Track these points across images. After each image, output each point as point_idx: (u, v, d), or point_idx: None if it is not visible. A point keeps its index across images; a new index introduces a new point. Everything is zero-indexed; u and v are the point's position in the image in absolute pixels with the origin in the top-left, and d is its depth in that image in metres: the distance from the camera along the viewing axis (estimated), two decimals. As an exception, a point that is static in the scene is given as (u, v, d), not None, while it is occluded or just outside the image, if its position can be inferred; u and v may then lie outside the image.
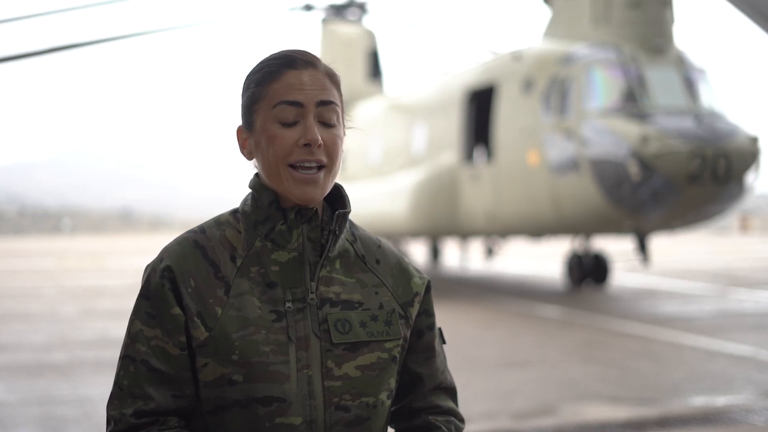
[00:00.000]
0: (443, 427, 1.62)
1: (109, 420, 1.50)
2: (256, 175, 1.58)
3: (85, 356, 8.37)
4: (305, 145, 1.50)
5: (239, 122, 1.60)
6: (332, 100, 1.54)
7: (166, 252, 1.55)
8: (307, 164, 1.50)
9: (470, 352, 8.33)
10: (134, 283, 16.32)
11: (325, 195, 1.55)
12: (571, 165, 12.18)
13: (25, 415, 6.01)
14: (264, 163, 1.53)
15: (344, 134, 1.57)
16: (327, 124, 1.53)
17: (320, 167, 1.51)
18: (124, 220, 66.40)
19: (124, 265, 21.81)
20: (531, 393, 6.67)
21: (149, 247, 31.49)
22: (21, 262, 23.88)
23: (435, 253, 19.47)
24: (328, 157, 1.51)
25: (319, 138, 1.50)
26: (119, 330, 10.09)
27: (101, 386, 6.89)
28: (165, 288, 1.51)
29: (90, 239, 42.48)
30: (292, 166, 1.50)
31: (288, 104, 1.51)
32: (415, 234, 15.77)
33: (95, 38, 8.73)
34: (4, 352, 8.71)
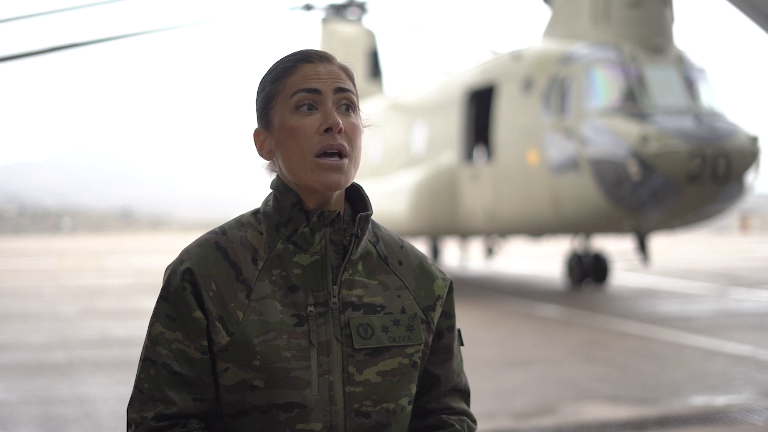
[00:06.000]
0: (456, 425, 1.61)
1: (130, 423, 1.48)
2: (278, 176, 1.56)
3: (85, 356, 8.37)
4: (327, 130, 1.49)
5: (254, 126, 1.59)
6: (349, 88, 1.53)
7: (186, 254, 1.52)
8: (330, 150, 1.49)
9: (470, 351, 8.31)
10: (134, 283, 16.31)
11: (348, 186, 1.53)
12: (571, 164, 12.18)
13: (25, 414, 6.01)
14: (287, 157, 1.51)
15: (363, 127, 1.56)
16: (346, 112, 1.52)
17: (343, 155, 1.50)
18: (124, 220, 66.32)
19: (124, 265, 21.80)
20: (531, 393, 6.67)
21: (149, 247, 31.52)
22: (21, 262, 23.87)
23: (435, 252, 19.45)
24: (348, 144, 1.51)
25: (340, 122, 1.49)
26: (119, 330, 10.09)
27: (101, 386, 6.90)
28: (186, 291, 1.48)
29: (90, 239, 42.45)
30: (318, 157, 1.49)
31: (306, 92, 1.50)
32: (415, 233, 15.77)
33: (95, 38, 8.73)
34: (4, 352, 8.71)
